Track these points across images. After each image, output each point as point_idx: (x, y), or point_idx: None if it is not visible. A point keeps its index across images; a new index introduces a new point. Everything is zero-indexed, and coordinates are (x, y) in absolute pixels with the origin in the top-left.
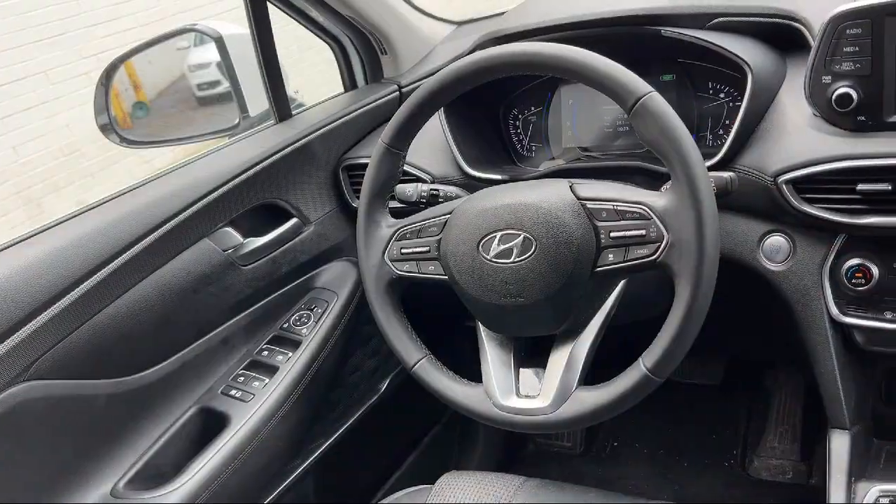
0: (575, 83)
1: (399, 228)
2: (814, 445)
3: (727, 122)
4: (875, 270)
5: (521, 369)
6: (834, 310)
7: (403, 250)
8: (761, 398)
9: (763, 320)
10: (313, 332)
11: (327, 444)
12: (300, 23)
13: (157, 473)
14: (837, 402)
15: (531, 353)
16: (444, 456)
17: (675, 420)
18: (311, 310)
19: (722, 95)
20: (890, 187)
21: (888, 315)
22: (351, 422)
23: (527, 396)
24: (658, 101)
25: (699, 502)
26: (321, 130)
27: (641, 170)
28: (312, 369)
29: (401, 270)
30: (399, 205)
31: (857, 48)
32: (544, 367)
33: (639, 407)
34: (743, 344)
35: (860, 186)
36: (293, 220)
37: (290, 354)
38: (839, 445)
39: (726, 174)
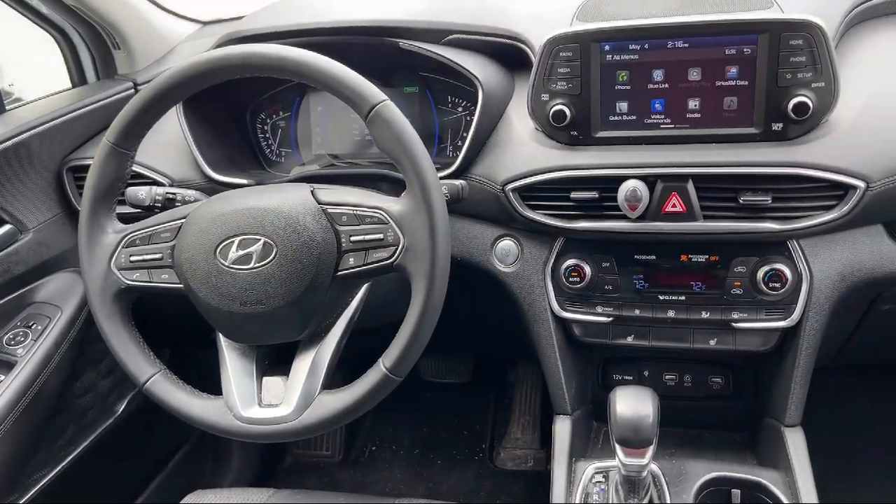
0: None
1: (127, 234)
2: (550, 433)
3: (465, 133)
4: (588, 270)
5: (265, 378)
6: (555, 306)
7: (133, 258)
8: (507, 393)
9: (502, 318)
10: (31, 351)
11: (53, 473)
12: (12, 6)
13: None
14: (560, 391)
15: (276, 361)
16: (194, 475)
17: (430, 419)
18: (30, 327)
19: (460, 109)
20: (597, 195)
21: (599, 309)
22: (82, 448)
23: (269, 405)
24: (391, 110)
25: (449, 497)
26: (41, 128)
27: (386, 177)
28: (31, 393)
29: (129, 280)
30: (133, 210)
31: (569, 70)
32: (289, 374)
33: (396, 409)
34: (488, 342)
35: (573, 194)
36: (6, 227)
37: (2, 378)
38: (561, 429)
39: (458, 182)
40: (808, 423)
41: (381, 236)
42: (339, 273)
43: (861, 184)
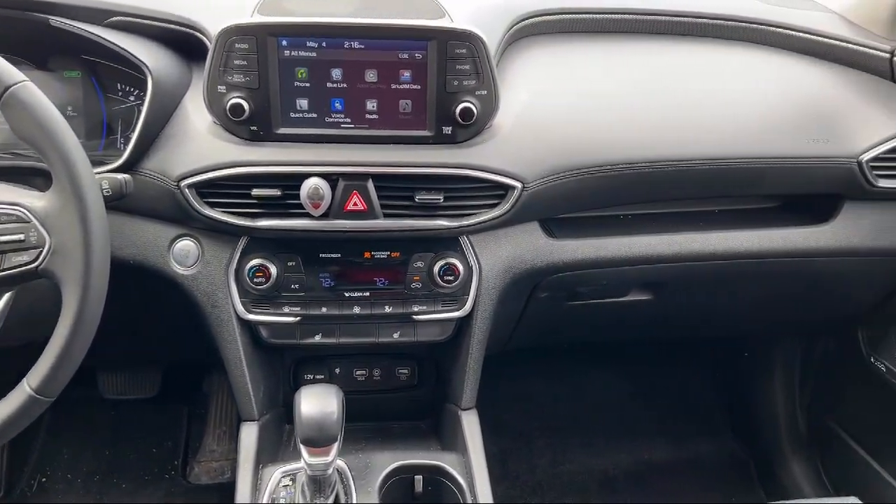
0: None
1: None
2: None
3: (137, 124)
4: (273, 269)
5: None
6: (240, 308)
7: None
8: (201, 403)
9: (186, 324)
10: None
11: None
12: None
13: None
14: (246, 396)
15: None
16: None
17: (114, 440)
18: None
19: (132, 98)
20: (280, 192)
21: (286, 309)
22: None
23: None
24: (31, 92)
25: None
26: None
27: (41, 171)
28: None
29: None
30: None
31: (245, 63)
32: None
33: (71, 433)
34: (174, 350)
35: (254, 192)
36: None
37: None
38: (247, 436)
39: (121, 176)
40: (491, 404)
41: (21, 237)
42: None
43: (518, 184)
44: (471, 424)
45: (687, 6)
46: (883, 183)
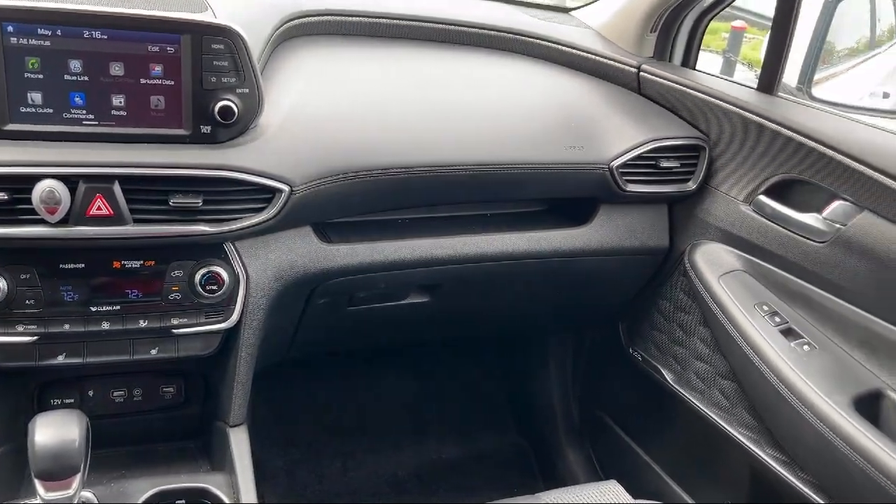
0: None
1: None
2: None
3: None
4: (2, 283)
5: None
6: None
7: None
8: None
9: None
10: None
11: None
12: None
13: None
14: None
15: None
16: None
17: None
18: None
19: None
20: (7, 196)
21: (20, 328)
22: None
23: None
24: None
25: None
26: None
27: None
28: None
29: None
30: None
31: None
32: None
33: None
34: None
35: None
36: None
37: None
38: None
39: None
40: (279, 416)
41: None
42: None
43: (285, 188)
44: (239, 442)
45: (457, 16)
46: (631, 187)
